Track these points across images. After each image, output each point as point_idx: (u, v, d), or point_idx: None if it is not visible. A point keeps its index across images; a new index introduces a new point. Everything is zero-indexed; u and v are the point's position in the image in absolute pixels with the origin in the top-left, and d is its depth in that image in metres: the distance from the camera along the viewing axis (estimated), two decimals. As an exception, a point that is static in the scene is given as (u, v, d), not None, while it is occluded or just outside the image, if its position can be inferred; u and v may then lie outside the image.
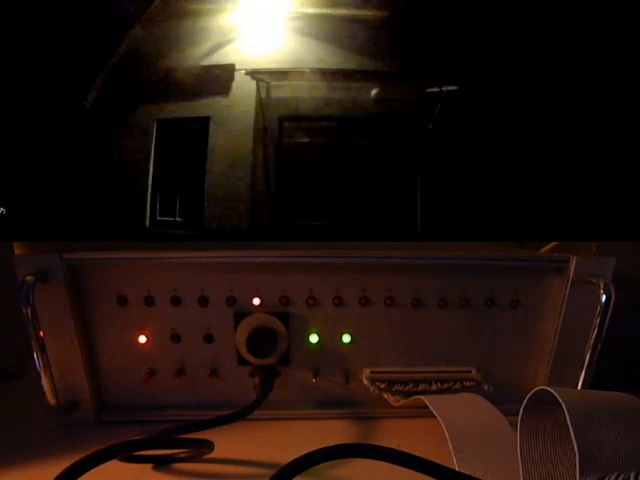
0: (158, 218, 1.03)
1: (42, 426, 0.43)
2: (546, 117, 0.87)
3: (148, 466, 0.36)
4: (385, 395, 0.44)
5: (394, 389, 0.44)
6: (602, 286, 0.41)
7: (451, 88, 0.91)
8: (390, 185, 0.94)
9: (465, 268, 0.44)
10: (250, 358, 0.44)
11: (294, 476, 0.27)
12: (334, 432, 0.43)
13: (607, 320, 0.42)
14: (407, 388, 0.44)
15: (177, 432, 0.36)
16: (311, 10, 0.90)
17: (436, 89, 0.91)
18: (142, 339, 0.44)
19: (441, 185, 0.91)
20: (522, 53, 0.85)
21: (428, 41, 0.89)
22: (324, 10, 0.90)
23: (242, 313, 0.44)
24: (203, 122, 0.97)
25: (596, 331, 0.42)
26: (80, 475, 0.28)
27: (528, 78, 0.88)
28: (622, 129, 0.83)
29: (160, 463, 0.37)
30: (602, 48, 0.80)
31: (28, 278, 0.39)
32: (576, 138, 0.85)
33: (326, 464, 0.28)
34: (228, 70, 0.94)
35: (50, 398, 0.41)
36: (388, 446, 0.30)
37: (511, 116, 0.91)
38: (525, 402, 0.31)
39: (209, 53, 0.95)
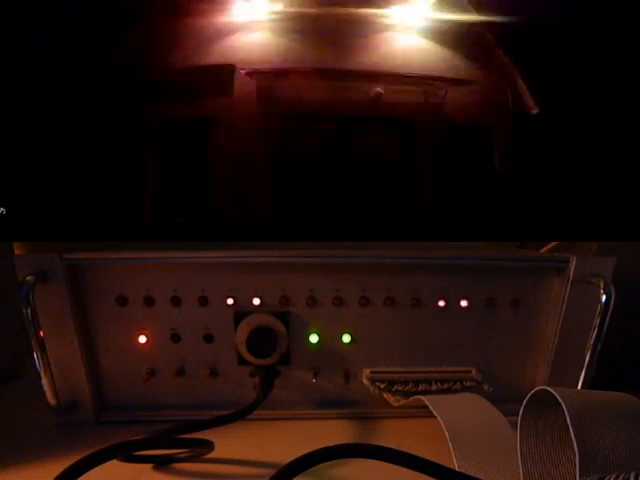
0: (158, 218, 1.03)
1: (42, 426, 0.43)
2: (544, 114, 0.87)
3: (148, 466, 0.36)
4: (385, 395, 0.44)
5: (394, 389, 0.44)
6: (602, 286, 0.41)
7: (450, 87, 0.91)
8: (390, 185, 0.94)
9: (465, 268, 0.44)
10: (250, 358, 0.44)
11: (294, 476, 0.27)
12: (334, 432, 0.43)
13: (607, 320, 0.42)
14: (407, 388, 0.44)
15: (177, 432, 0.36)
16: (312, 10, 0.90)
17: (438, 89, 0.91)
18: (142, 339, 0.44)
19: (441, 185, 0.91)
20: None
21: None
22: (325, 10, 0.90)
23: (242, 313, 0.44)
24: (203, 122, 0.97)
25: (596, 331, 0.42)
26: (80, 475, 0.28)
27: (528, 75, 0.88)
28: (621, 128, 0.83)
29: (160, 463, 0.37)
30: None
31: (28, 278, 0.39)
32: (575, 137, 0.85)
33: (326, 464, 0.28)
34: (228, 70, 0.94)
35: (50, 398, 0.41)
36: (388, 446, 0.30)
37: (509, 113, 0.91)
38: (525, 402, 0.31)
39: (209, 53, 0.95)
